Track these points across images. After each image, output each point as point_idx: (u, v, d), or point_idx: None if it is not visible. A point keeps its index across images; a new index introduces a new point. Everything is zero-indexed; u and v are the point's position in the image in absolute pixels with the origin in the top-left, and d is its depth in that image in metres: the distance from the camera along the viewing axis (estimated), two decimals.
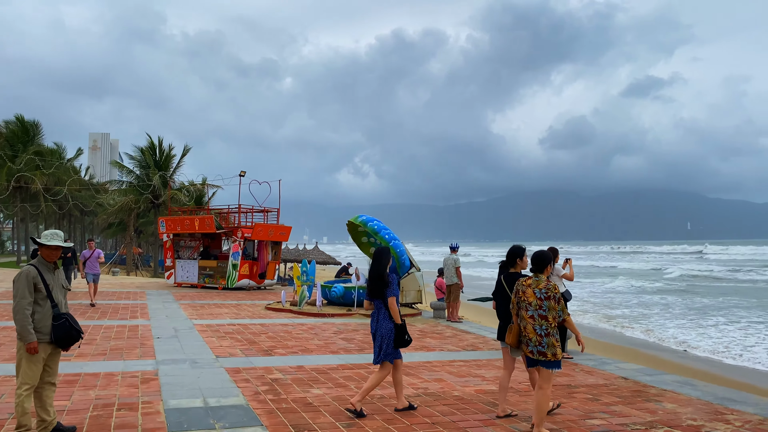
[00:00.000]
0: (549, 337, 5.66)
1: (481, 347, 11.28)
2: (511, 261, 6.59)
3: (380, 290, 6.43)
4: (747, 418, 6.55)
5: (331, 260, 38.36)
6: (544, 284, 5.76)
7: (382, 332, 6.43)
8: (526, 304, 5.81)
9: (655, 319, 22.00)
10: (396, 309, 6.42)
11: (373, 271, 6.50)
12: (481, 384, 8.11)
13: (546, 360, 5.67)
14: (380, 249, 6.59)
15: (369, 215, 17.65)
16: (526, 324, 5.80)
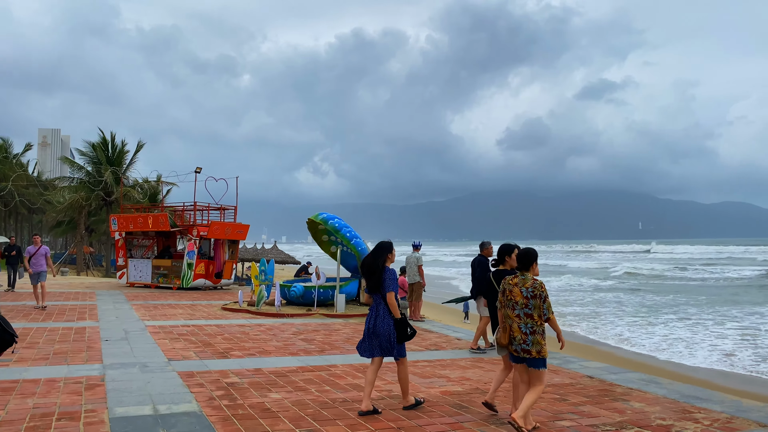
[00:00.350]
0: (534, 335, 5.59)
1: (445, 347, 11.06)
2: (501, 259, 6.58)
3: (379, 285, 6.30)
4: (715, 416, 6.47)
5: (291, 259, 37.77)
6: (531, 283, 5.69)
7: (383, 329, 6.29)
8: (512, 303, 5.74)
9: (606, 317, 22.30)
10: (395, 304, 6.28)
11: (372, 265, 6.37)
12: (447, 385, 7.86)
13: (531, 357, 5.60)
14: (381, 243, 6.48)
15: (330, 213, 17.28)
16: (512, 322, 5.74)
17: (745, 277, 45.09)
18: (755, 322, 20.73)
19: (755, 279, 43.11)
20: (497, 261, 6.76)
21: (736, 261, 67.90)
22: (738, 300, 28.57)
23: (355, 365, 9.06)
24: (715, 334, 18.33)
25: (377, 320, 6.35)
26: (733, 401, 7.15)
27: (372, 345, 6.42)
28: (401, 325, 6.30)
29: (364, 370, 8.72)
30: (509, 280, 5.85)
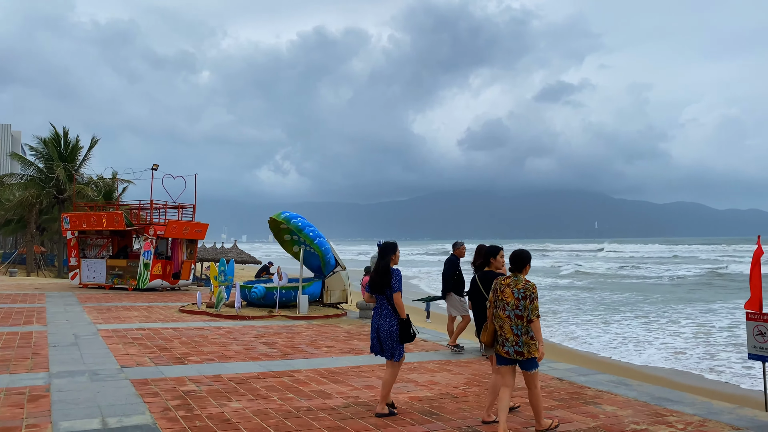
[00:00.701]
0: (524, 336, 5.57)
1: (411, 348, 10.79)
2: (486, 260, 6.53)
3: (384, 285, 6.31)
4: (687, 419, 6.38)
5: (251, 259, 37.09)
6: (523, 284, 5.65)
7: (385, 329, 6.31)
8: (503, 304, 5.68)
9: (562, 316, 22.48)
10: (401, 304, 6.29)
11: (377, 265, 6.41)
12: (415, 390, 7.60)
13: (523, 359, 5.59)
14: (387, 243, 6.50)
15: (292, 212, 16.87)
16: (503, 323, 5.67)
17: (693, 275, 46.27)
18: (709, 320, 21.16)
19: (705, 277, 44.29)
20: (483, 262, 6.59)
21: (684, 259, 69.65)
22: (690, 298, 29.24)
23: (319, 370, 8.72)
24: (668, 332, 18.60)
25: (380, 321, 6.36)
26: (703, 403, 7.08)
27: (381, 346, 6.43)
28: (405, 325, 6.28)
29: (329, 375, 8.39)
30: (501, 281, 5.78)
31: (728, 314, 22.78)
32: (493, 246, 6.81)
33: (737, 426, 6.09)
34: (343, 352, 10.35)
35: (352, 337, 12.02)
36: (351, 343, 11.35)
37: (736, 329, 19.18)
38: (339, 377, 8.26)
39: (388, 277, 6.30)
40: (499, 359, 5.79)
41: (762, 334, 8.13)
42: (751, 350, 8.26)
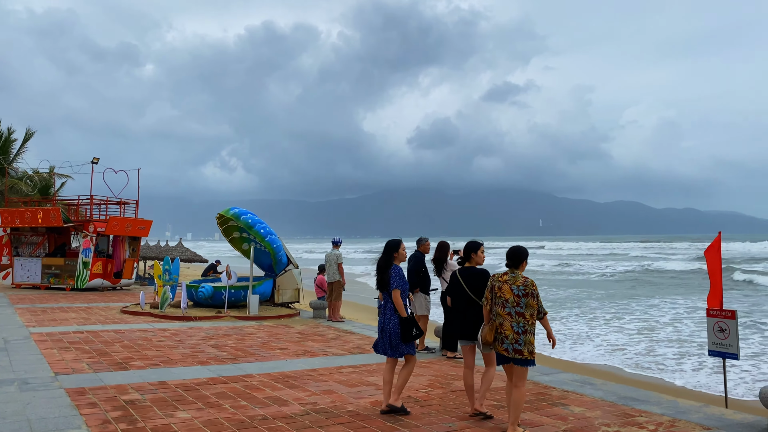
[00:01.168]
0: (526, 335, 5.44)
1: (369, 349, 10.42)
2: (467, 256, 6.43)
3: (386, 283, 6.31)
4: (657, 419, 6.22)
5: (197, 257, 35.98)
6: (522, 281, 5.54)
7: (389, 328, 6.28)
8: (502, 301, 5.55)
9: None
10: (400, 302, 6.24)
11: (380, 263, 6.41)
12: (376, 394, 7.22)
13: (522, 358, 5.44)
14: (390, 242, 6.50)
15: (242, 208, 16.22)
16: (503, 321, 5.54)
17: (621, 272, 47.47)
18: (654, 316, 21.60)
19: (633, 274, 45.50)
20: (463, 258, 6.55)
21: (619, 257, 71.43)
22: (631, 294, 29.91)
23: (273, 375, 8.23)
24: (613, 328, 18.83)
25: (385, 319, 6.33)
26: (670, 402, 6.96)
27: (384, 344, 6.35)
28: (406, 324, 6.21)
29: (284, 379, 7.93)
30: (498, 277, 5.67)
31: (670, 309, 23.35)
32: (474, 241, 6.68)
33: (707, 426, 5.97)
34: (297, 354, 9.89)
35: (306, 338, 11.55)
36: (305, 344, 10.88)
37: (679, 324, 19.61)
38: (295, 382, 7.81)
39: (389, 275, 6.27)
40: (499, 358, 5.67)
41: (722, 331, 8.11)
42: (711, 347, 8.24)
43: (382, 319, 6.40)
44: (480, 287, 6.19)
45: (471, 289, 6.25)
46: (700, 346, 15.75)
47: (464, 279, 6.31)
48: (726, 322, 8.09)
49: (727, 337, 8.10)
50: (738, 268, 43.66)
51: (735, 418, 6.24)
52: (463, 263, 6.52)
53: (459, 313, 6.33)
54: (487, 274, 6.28)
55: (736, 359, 8.13)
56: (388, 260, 6.35)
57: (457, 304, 6.37)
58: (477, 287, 6.23)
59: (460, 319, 6.32)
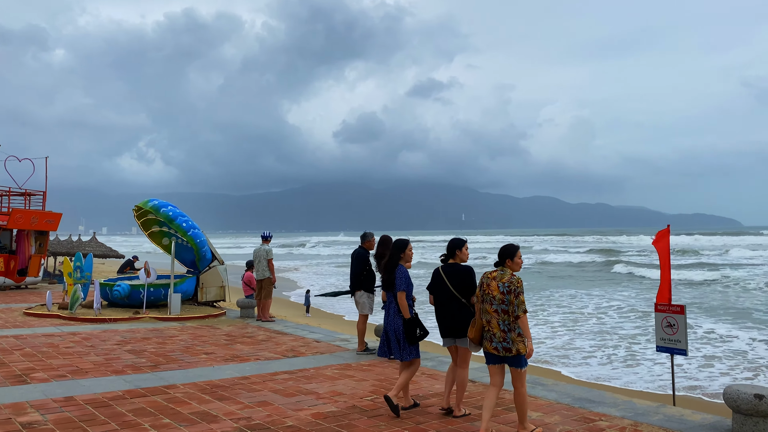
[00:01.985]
0: (513, 333, 5.32)
1: (304, 351, 9.71)
2: (451, 252, 6.19)
3: (391, 283, 6.23)
4: (618, 423, 5.89)
5: (113, 253, 33.88)
6: (508, 278, 5.42)
7: (393, 329, 6.23)
8: (490, 298, 5.45)
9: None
10: (405, 304, 6.13)
11: (386, 263, 6.36)
12: (317, 404, 6.55)
13: (512, 356, 5.32)
14: (399, 240, 6.42)
15: (162, 200, 15.04)
16: (491, 318, 5.43)
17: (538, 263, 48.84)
18: (578, 308, 21.97)
19: (536, 266, 46.86)
20: (447, 255, 6.25)
21: (536, 251, 73.48)
22: (554, 285, 30.57)
23: (199, 384, 7.40)
24: (539, 320, 18.96)
25: (389, 319, 6.28)
26: (625, 402, 6.67)
27: (390, 345, 6.29)
28: (410, 325, 6.10)
29: (212, 390, 7.11)
30: (488, 274, 5.57)
31: (590, 302, 23.86)
32: (458, 238, 6.32)
33: (671, 429, 5.68)
34: (225, 359, 9.05)
35: (234, 341, 10.69)
36: (234, 347, 10.04)
37: (603, 316, 20.00)
38: (225, 392, 7.01)
39: (394, 276, 6.17)
40: (488, 357, 5.52)
41: (671, 326, 7.96)
42: (659, 342, 8.09)
43: (385, 320, 6.35)
44: (464, 284, 6.00)
45: (455, 287, 6.01)
46: (621, 338, 15.98)
47: (449, 277, 6.07)
48: (675, 317, 7.95)
49: (675, 333, 7.96)
50: (621, 261, 46.08)
51: (695, 419, 6.00)
52: (447, 260, 6.24)
53: (442, 310, 6.12)
54: (471, 271, 6.08)
55: (685, 355, 8.02)
56: (394, 260, 6.27)
57: (439, 302, 6.14)
58: (461, 284, 5.99)
59: (443, 317, 6.11)
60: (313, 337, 11.19)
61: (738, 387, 5.45)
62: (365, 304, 9.33)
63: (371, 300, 9.40)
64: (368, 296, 9.34)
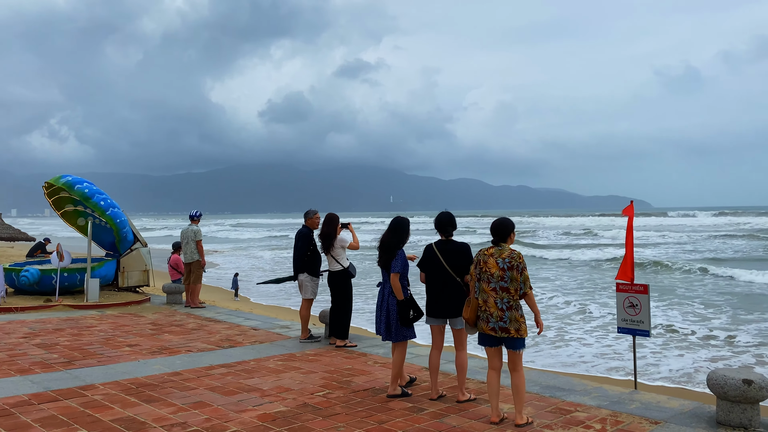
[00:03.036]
0: (511, 311, 5.02)
1: (241, 341, 8.85)
2: (443, 229, 5.85)
3: (389, 262, 5.90)
4: (596, 414, 5.44)
5: (22, 236, 31.34)
6: (508, 253, 5.11)
7: (389, 307, 5.96)
8: (487, 276, 5.12)
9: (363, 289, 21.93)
10: (398, 286, 5.82)
11: (386, 241, 5.98)
12: (263, 403, 5.76)
13: (510, 337, 5.03)
14: (401, 220, 6.11)
15: (77, 176, 13.61)
16: (487, 297, 5.12)
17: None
18: None
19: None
20: (439, 231, 5.91)
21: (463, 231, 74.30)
22: None
23: (122, 383, 6.44)
24: None
25: (383, 298, 6.02)
26: (596, 389, 6.27)
27: (384, 325, 6.00)
28: (403, 306, 5.83)
29: (138, 390, 6.18)
30: (485, 251, 5.21)
31: None
32: (449, 213, 5.98)
33: (652, 419, 5.28)
34: (152, 352, 8.07)
35: (161, 330, 9.68)
36: (162, 337, 9.04)
37: (541, 296, 20.06)
38: (153, 392, 6.10)
39: (393, 256, 5.85)
40: (484, 339, 5.20)
41: (633, 306, 7.63)
42: (621, 324, 7.74)
43: (380, 298, 6.07)
44: (461, 263, 5.69)
45: (451, 265, 5.67)
46: (557, 318, 15.93)
47: (443, 253, 5.73)
48: (637, 297, 7.61)
49: (638, 314, 7.62)
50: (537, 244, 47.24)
51: (673, 406, 5.64)
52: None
53: (435, 290, 5.75)
54: (469, 248, 5.80)
55: (648, 336, 7.71)
56: (400, 240, 5.95)
57: (433, 281, 5.79)
58: (458, 262, 5.69)
59: (436, 297, 5.75)
60: (249, 324, 10.32)
61: (724, 372, 5.09)
62: (309, 288, 8.56)
63: (315, 284, 8.64)
64: (312, 279, 8.57)
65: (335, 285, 8.28)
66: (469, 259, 5.70)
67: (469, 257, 5.72)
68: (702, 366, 10.69)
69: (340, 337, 8.32)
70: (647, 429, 5.00)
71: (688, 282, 22.86)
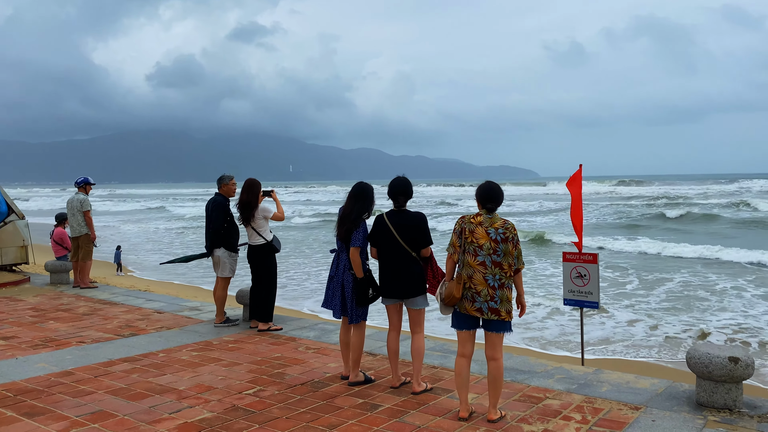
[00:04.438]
0: (503, 290, 4.34)
1: (145, 327, 7.62)
2: (395, 198, 5.04)
3: (349, 233, 5.14)
4: (568, 400, 4.88)
5: None
6: (501, 223, 4.39)
7: (344, 282, 5.25)
8: (474, 248, 4.36)
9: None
10: (359, 262, 5.12)
11: (348, 210, 5.20)
12: (182, 408, 4.73)
13: (499, 320, 4.34)
14: (364, 186, 5.32)
15: None
16: (473, 272, 4.36)
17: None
18: None
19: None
20: (393, 200, 5.09)
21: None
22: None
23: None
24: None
25: (338, 271, 5.29)
26: (557, 370, 5.73)
27: (337, 301, 5.30)
28: (361, 286, 5.10)
29: (17, 400, 4.94)
30: (471, 219, 4.43)
31: None
32: (405, 178, 5.14)
33: (631, 403, 4.79)
34: (34, 345, 6.72)
35: (45, 317, 8.23)
36: (46, 326, 7.63)
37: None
38: (37, 401, 4.88)
39: (356, 227, 5.06)
40: (461, 321, 4.45)
41: (581, 277, 7.21)
42: (567, 295, 7.31)
43: (334, 269, 5.33)
44: (416, 235, 4.95)
45: (404, 238, 4.93)
46: None
47: (396, 225, 4.93)
48: (586, 266, 7.19)
49: (586, 284, 7.21)
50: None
51: (644, 386, 5.18)
52: (400, 207, 5.07)
53: (388, 266, 5.01)
54: (424, 219, 5.05)
55: (596, 308, 7.35)
56: (364, 209, 5.14)
57: (385, 256, 5.03)
58: (412, 235, 4.95)
59: (389, 274, 4.99)
60: (152, 306, 9.05)
61: (706, 349, 4.66)
62: (227, 265, 7.47)
63: (234, 260, 7.56)
64: (231, 255, 7.48)
65: (257, 261, 7.26)
66: (424, 231, 4.96)
67: (424, 230, 4.98)
68: (616, 333, 10.61)
69: (263, 319, 7.33)
70: (630, 416, 4.49)
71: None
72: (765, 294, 13.49)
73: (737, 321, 11.14)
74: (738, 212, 38.10)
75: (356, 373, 5.36)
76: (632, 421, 4.40)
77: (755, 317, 11.42)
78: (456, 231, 4.46)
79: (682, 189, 73.48)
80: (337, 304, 5.27)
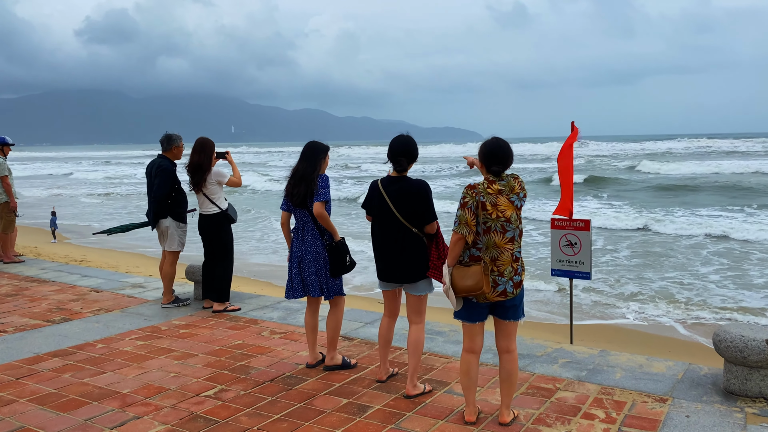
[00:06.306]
0: (519, 261, 3.62)
1: (79, 310, 6.61)
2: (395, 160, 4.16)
3: (307, 196, 4.45)
4: (583, 392, 4.28)
5: None
6: (519, 184, 3.62)
7: (310, 258, 4.52)
8: (502, 223, 3.54)
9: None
10: (328, 218, 4.46)
11: (299, 170, 4.50)
12: (128, 419, 3.86)
13: (512, 300, 3.65)
14: (319, 144, 4.62)
15: None
16: (500, 253, 3.56)
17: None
18: None
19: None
20: (393, 163, 4.18)
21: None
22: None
23: None
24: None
25: (304, 247, 4.55)
26: (559, 351, 5.12)
27: (306, 282, 4.59)
28: (337, 251, 4.48)
29: None
30: (486, 188, 3.54)
31: None
32: (408, 137, 4.26)
33: (653, 393, 4.22)
34: None
35: None
36: None
37: None
38: None
39: (314, 185, 4.44)
40: (473, 312, 3.66)
41: (571, 245, 6.62)
42: (555, 265, 6.72)
43: (299, 246, 4.57)
44: (418, 209, 4.09)
45: (403, 213, 4.09)
46: None
47: (392, 196, 4.12)
48: (577, 234, 6.59)
49: (577, 253, 6.63)
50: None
51: (660, 370, 4.64)
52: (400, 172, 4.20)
53: (384, 244, 4.19)
54: (428, 188, 4.16)
55: (588, 279, 6.79)
56: (312, 167, 4.47)
57: (380, 231, 4.20)
58: (413, 209, 4.09)
59: (385, 253, 4.18)
60: (88, 283, 7.99)
61: (740, 331, 4.11)
62: (175, 238, 6.51)
63: (183, 231, 6.60)
64: (179, 226, 6.52)
65: (210, 232, 6.34)
66: (427, 203, 4.10)
67: (427, 201, 4.10)
68: (585, 300, 10.24)
69: (219, 299, 6.45)
70: (660, 411, 3.91)
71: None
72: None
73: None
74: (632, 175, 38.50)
75: (332, 355, 4.75)
76: (664, 418, 3.81)
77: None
78: (469, 206, 3.52)
79: (612, 149, 74.34)
80: (297, 283, 4.60)
